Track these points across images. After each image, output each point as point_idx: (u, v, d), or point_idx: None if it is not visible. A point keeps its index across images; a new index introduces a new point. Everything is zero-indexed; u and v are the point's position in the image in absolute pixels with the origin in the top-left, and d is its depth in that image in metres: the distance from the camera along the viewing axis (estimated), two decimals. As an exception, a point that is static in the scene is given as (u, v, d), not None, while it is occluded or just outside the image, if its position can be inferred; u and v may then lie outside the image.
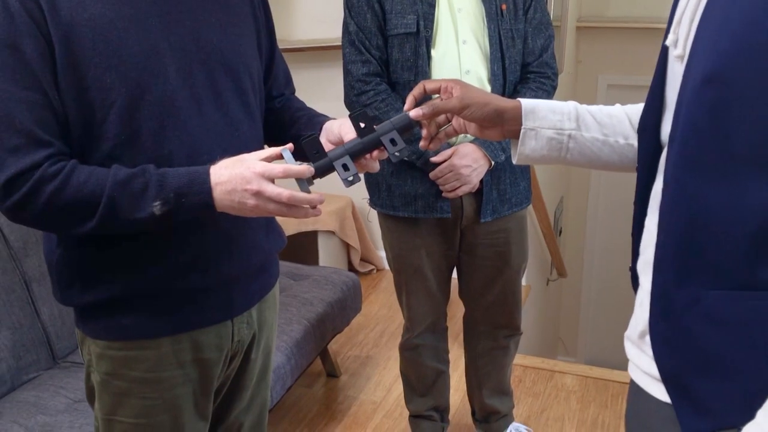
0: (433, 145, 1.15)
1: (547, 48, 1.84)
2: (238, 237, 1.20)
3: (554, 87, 1.86)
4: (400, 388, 2.25)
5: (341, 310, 2.48)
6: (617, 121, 1.07)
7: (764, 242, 0.77)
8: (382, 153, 1.12)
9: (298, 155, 1.09)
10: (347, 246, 3.53)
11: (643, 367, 0.93)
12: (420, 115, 1.09)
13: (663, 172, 0.88)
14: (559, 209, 5.04)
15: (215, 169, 1.05)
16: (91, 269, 1.13)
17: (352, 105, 1.80)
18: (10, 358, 1.87)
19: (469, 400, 2.25)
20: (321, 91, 2.89)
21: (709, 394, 0.82)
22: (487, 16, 1.74)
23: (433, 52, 1.74)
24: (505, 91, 1.79)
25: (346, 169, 1.07)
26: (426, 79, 1.73)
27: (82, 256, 1.13)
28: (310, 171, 1.06)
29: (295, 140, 1.15)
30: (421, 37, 1.72)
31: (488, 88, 1.76)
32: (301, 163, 1.07)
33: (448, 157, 1.74)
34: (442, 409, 2.18)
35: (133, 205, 1.03)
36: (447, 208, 1.83)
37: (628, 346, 0.97)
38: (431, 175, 1.77)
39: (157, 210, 1.03)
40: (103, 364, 1.18)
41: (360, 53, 1.76)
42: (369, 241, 3.62)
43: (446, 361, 2.13)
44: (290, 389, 2.27)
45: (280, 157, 1.08)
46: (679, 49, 0.85)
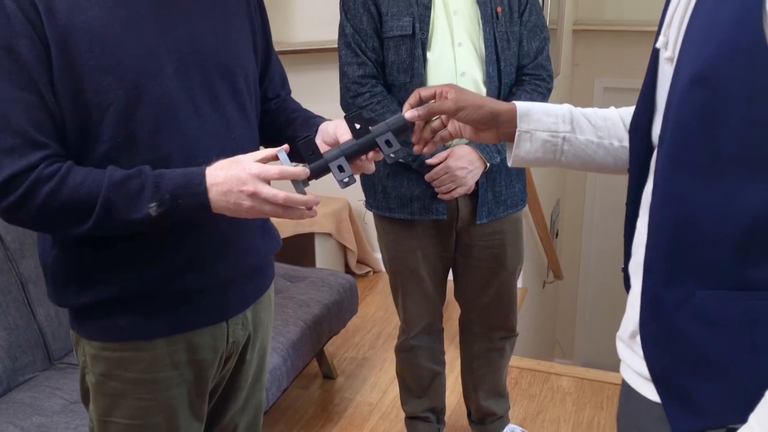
0: (428, 149, 1.15)
1: (542, 50, 1.84)
2: (234, 238, 1.20)
3: (549, 89, 1.87)
4: (397, 389, 2.25)
5: (338, 311, 2.48)
6: (611, 124, 1.08)
7: (753, 242, 0.78)
8: (378, 154, 1.12)
9: (294, 156, 1.09)
10: (344, 248, 3.54)
11: (634, 367, 0.93)
12: (415, 116, 1.09)
13: (654, 173, 0.89)
14: (555, 212, 5.05)
15: (211, 170, 1.05)
16: (86, 270, 1.13)
17: (348, 107, 1.80)
18: (6, 359, 1.87)
19: (465, 401, 2.25)
20: (318, 93, 2.89)
21: (698, 393, 0.82)
22: (482, 19, 1.74)
23: (429, 55, 1.74)
24: (500, 94, 1.79)
25: (342, 171, 1.07)
26: (421, 87, 1.73)
27: (76, 257, 1.13)
28: (306, 172, 1.06)
29: (291, 141, 1.15)
30: (417, 39, 1.72)
31: (483, 91, 1.77)
32: (297, 165, 1.07)
33: (444, 159, 1.75)
34: (438, 411, 2.18)
35: (129, 207, 1.03)
36: (442, 210, 1.83)
37: (619, 347, 0.98)
38: (427, 177, 1.78)
39: (153, 211, 1.03)
40: (98, 366, 1.18)
41: (356, 55, 1.77)
42: (366, 243, 3.63)
43: (442, 363, 2.14)
44: (286, 391, 2.27)
45: (276, 158, 1.08)
46: (669, 51, 0.86)
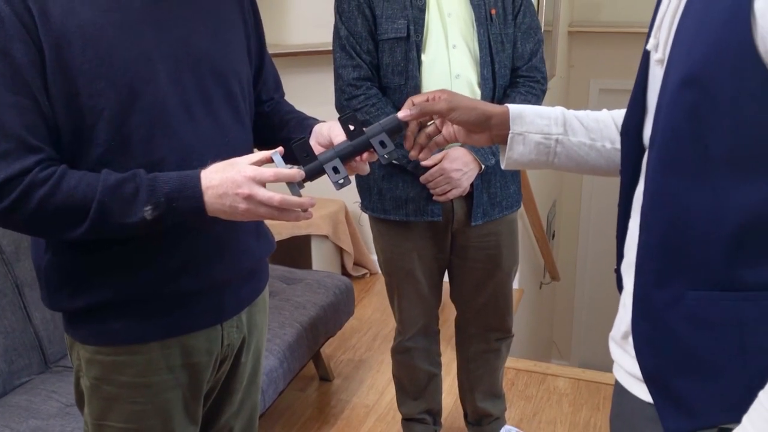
0: (423, 155, 1.16)
1: (537, 52, 1.85)
2: (229, 241, 1.20)
3: (544, 91, 1.87)
4: (393, 391, 2.25)
5: (334, 313, 2.48)
6: (604, 126, 1.08)
7: (743, 243, 0.78)
8: (372, 155, 1.12)
9: (288, 158, 1.09)
10: (340, 250, 3.54)
11: (626, 368, 0.93)
12: (408, 116, 1.10)
13: (645, 175, 0.89)
14: (551, 213, 5.05)
15: (206, 173, 1.05)
16: (80, 274, 1.13)
17: (343, 109, 1.80)
18: (2, 362, 1.87)
19: (461, 403, 2.25)
20: (312, 95, 2.90)
21: (690, 393, 0.83)
22: (476, 21, 1.75)
23: (424, 57, 1.75)
24: (494, 95, 1.80)
25: (337, 172, 1.07)
26: (416, 89, 1.73)
27: (70, 260, 1.13)
28: (301, 175, 1.06)
29: (285, 143, 1.15)
30: (412, 41, 1.73)
31: (478, 92, 1.77)
32: (292, 167, 1.07)
33: (439, 161, 1.75)
34: (435, 413, 2.18)
35: (124, 210, 1.03)
36: (438, 212, 1.84)
37: (612, 347, 0.98)
38: (422, 178, 1.78)
39: (148, 214, 1.03)
40: (93, 369, 1.18)
41: (351, 58, 1.77)
42: (362, 245, 3.63)
43: (438, 364, 2.14)
44: (283, 393, 2.27)
45: (270, 160, 1.08)
46: (659, 53, 0.86)
